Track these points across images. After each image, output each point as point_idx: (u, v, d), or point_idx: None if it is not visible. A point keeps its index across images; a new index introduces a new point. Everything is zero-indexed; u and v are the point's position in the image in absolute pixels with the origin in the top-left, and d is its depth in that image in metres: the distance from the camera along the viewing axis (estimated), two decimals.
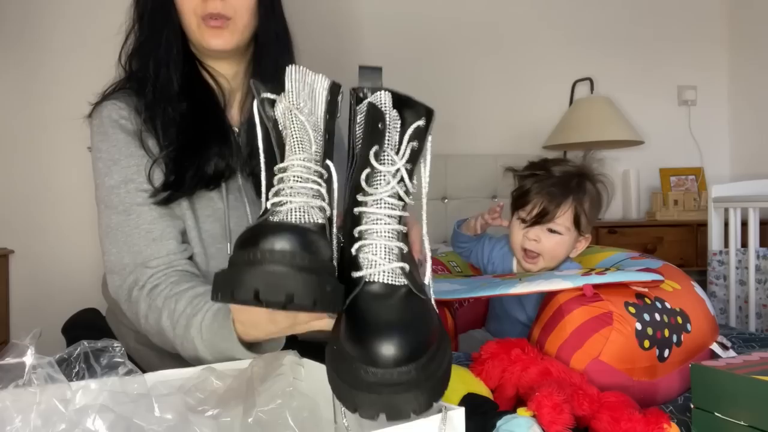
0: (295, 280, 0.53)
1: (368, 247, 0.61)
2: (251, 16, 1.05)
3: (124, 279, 0.98)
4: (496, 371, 0.91)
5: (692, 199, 2.77)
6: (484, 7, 2.75)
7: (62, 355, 0.63)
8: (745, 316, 2.13)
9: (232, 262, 0.56)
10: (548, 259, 1.29)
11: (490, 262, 1.42)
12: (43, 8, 2.16)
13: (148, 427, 0.57)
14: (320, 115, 0.68)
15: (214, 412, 0.63)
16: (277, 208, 0.60)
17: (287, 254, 0.53)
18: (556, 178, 1.27)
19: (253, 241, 0.54)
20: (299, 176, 0.62)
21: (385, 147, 0.64)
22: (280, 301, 0.53)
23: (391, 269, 0.60)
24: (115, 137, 1.02)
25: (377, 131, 0.63)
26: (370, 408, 0.53)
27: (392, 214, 0.62)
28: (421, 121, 0.66)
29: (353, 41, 2.55)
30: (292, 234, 0.55)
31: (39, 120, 2.15)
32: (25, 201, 2.14)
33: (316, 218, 0.60)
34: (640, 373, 0.96)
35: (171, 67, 1.04)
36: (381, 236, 0.61)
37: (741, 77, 3.04)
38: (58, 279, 2.12)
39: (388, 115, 0.65)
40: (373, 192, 0.62)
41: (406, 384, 0.52)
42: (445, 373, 0.56)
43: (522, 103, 2.79)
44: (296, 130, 0.64)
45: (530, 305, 1.26)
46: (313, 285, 0.54)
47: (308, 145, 0.64)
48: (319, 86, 0.69)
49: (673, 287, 1.11)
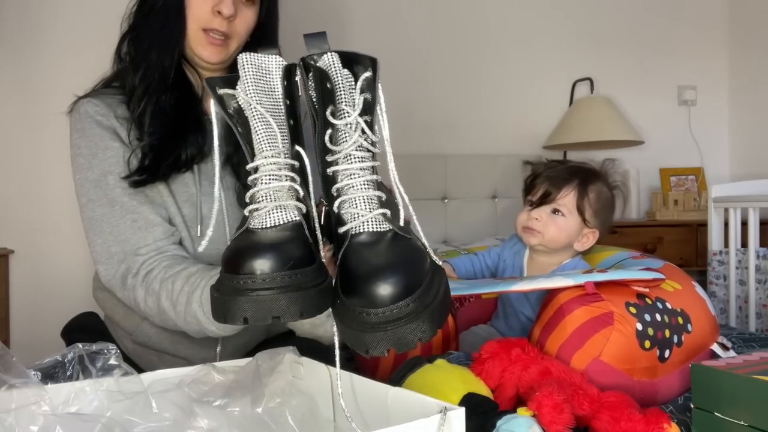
0: (279, 302, 0.57)
1: (348, 202, 0.64)
2: (246, 38, 1.11)
3: (115, 268, 1.01)
4: (496, 371, 0.91)
5: (692, 199, 2.77)
6: (483, 6, 2.75)
7: (57, 358, 0.63)
8: (745, 316, 2.13)
9: (221, 287, 0.59)
10: (548, 238, 1.30)
11: (502, 260, 1.43)
12: (42, 8, 2.16)
13: (146, 424, 0.56)
14: (281, 102, 0.68)
15: (222, 402, 0.63)
16: (254, 213, 0.62)
17: (267, 278, 0.57)
18: (566, 167, 1.33)
19: (236, 265, 0.58)
20: (271, 175, 0.63)
21: (339, 104, 0.66)
22: (268, 323, 0.57)
23: (373, 217, 0.63)
24: (91, 132, 1.07)
25: (327, 91, 0.65)
26: (379, 345, 0.57)
27: (363, 166, 0.65)
28: (368, 73, 0.67)
29: (350, 42, 2.55)
30: (271, 253, 0.58)
31: (39, 120, 2.15)
32: (25, 201, 2.13)
33: (292, 216, 0.62)
34: (640, 374, 0.96)
35: (173, 62, 1.08)
36: (358, 189, 0.64)
37: (741, 77, 3.03)
38: (58, 279, 2.12)
39: (338, 73, 0.66)
40: (340, 149, 0.64)
41: (406, 317, 0.57)
42: (442, 301, 0.61)
43: (522, 103, 2.79)
44: (260, 125, 0.65)
45: (535, 300, 1.26)
46: (298, 300, 0.57)
47: (274, 139, 0.64)
48: (274, 72, 0.68)
49: (674, 287, 1.11)
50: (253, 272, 0.57)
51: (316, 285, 0.60)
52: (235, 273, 0.57)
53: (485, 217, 2.58)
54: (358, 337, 0.58)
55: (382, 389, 0.64)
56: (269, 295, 0.56)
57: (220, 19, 1.05)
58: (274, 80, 0.68)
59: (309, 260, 0.60)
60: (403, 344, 0.57)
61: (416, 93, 2.58)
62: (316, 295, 0.59)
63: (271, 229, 0.61)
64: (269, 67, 0.68)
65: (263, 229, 0.61)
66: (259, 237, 0.60)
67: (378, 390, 0.65)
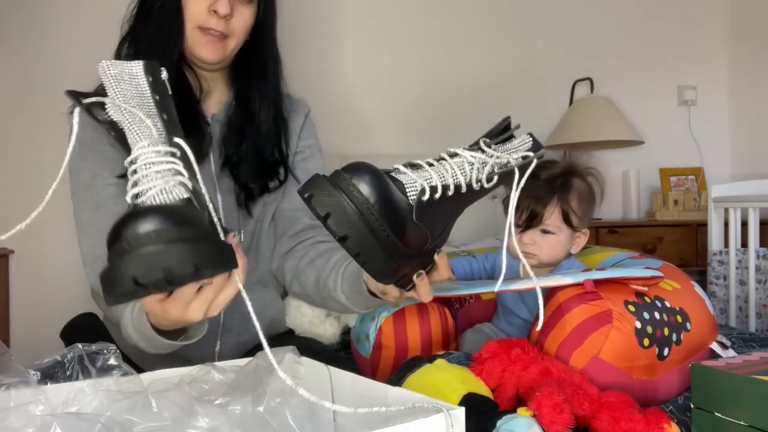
0: (168, 253, 0.53)
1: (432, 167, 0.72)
2: (244, 37, 1.11)
3: (99, 271, 1.00)
4: (496, 371, 0.91)
5: (692, 199, 2.77)
6: (483, 6, 2.75)
7: (56, 358, 0.63)
8: (745, 316, 2.13)
9: (107, 261, 0.55)
10: (545, 257, 1.29)
11: (498, 267, 1.43)
12: (43, 8, 2.16)
13: (146, 423, 0.56)
14: (149, 98, 0.67)
15: (223, 401, 0.63)
16: (138, 199, 0.59)
17: (152, 234, 0.53)
18: (542, 181, 1.30)
19: (118, 233, 0.54)
20: (150, 162, 0.61)
21: (494, 147, 0.79)
22: (161, 278, 0.53)
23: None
24: (83, 135, 1.06)
25: (499, 135, 0.82)
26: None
27: (456, 171, 0.74)
28: (531, 154, 0.81)
29: (346, 40, 2.55)
30: (155, 214, 0.55)
31: (39, 119, 2.15)
32: (25, 201, 2.13)
33: (179, 194, 0.60)
34: (639, 372, 0.96)
35: (172, 63, 1.07)
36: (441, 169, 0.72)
37: (741, 77, 3.03)
38: (58, 279, 2.12)
39: (514, 143, 0.83)
40: (461, 152, 0.76)
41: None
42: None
43: (522, 103, 2.79)
44: (132, 123, 0.64)
45: (531, 301, 1.26)
46: (189, 252, 0.54)
47: (148, 131, 0.63)
48: (138, 72, 0.68)
49: (673, 286, 1.11)
50: (136, 233, 0.53)
51: (208, 238, 0.57)
52: (118, 239, 0.54)
53: (485, 217, 2.57)
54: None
55: (382, 389, 0.64)
56: (155, 248, 0.53)
57: (216, 18, 1.05)
58: (139, 79, 0.67)
59: (200, 223, 0.58)
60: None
61: (416, 93, 2.58)
62: (210, 248, 0.56)
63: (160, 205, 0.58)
64: (132, 70, 0.68)
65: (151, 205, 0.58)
66: (140, 207, 0.57)
67: (378, 390, 0.65)
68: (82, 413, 0.57)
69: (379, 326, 1.24)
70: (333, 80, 2.44)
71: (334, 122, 1.32)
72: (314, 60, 2.38)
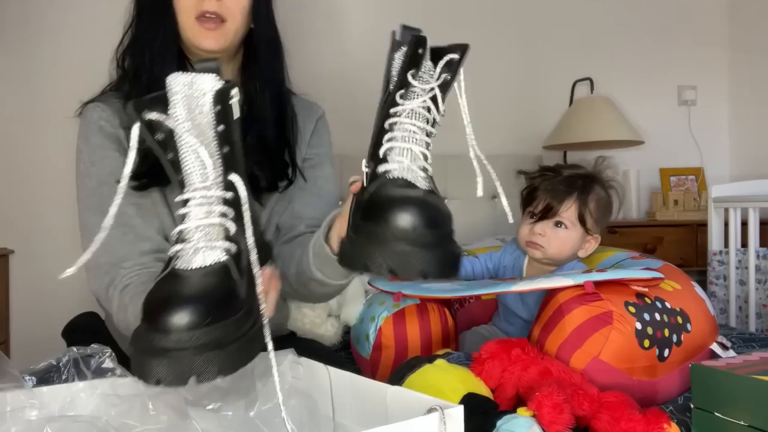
0: (194, 363, 0.54)
1: (396, 150, 0.67)
2: (244, 20, 1.07)
3: (101, 278, 1.00)
4: (496, 371, 0.91)
5: (692, 199, 2.77)
6: (483, 6, 2.75)
7: (51, 362, 0.63)
8: (745, 316, 2.13)
9: (137, 341, 0.57)
10: (552, 251, 1.29)
11: (502, 265, 1.43)
12: (44, 7, 2.16)
13: (143, 427, 0.56)
14: (212, 127, 0.63)
15: (215, 406, 0.63)
16: (179, 253, 0.60)
17: (183, 336, 0.54)
18: (564, 177, 1.32)
19: (152, 317, 0.56)
20: (200, 210, 0.61)
21: (421, 71, 0.69)
22: (184, 383, 0.55)
23: (413, 168, 0.68)
24: (93, 139, 1.06)
25: (417, 56, 0.69)
26: (379, 259, 0.64)
27: (422, 127, 0.69)
28: (454, 54, 0.70)
29: (346, 42, 2.55)
30: (189, 306, 0.55)
31: (39, 119, 2.15)
32: (25, 201, 2.13)
33: (219, 257, 0.60)
34: (639, 373, 0.95)
35: (166, 63, 1.04)
36: (410, 141, 0.67)
37: (741, 77, 3.03)
38: (58, 279, 2.12)
39: (427, 50, 0.71)
40: (407, 104, 0.68)
41: (415, 244, 0.67)
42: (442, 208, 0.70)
43: (522, 103, 2.79)
44: (189, 156, 0.62)
45: (532, 302, 1.26)
46: (215, 360, 0.55)
47: (205, 170, 0.61)
48: (208, 94, 0.64)
49: (673, 287, 1.11)
50: (167, 329, 0.54)
51: (237, 338, 0.57)
52: (151, 327, 0.55)
53: (485, 217, 2.57)
54: (364, 248, 0.62)
55: (382, 389, 0.64)
56: (183, 356, 0.54)
57: (208, 0, 1.01)
58: (207, 103, 0.63)
59: (233, 308, 0.58)
60: (404, 269, 0.61)
61: None
62: (237, 350, 0.57)
63: (195, 271, 0.58)
64: (202, 88, 0.63)
65: (186, 271, 0.59)
66: (179, 285, 0.57)
67: (377, 389, 0.65)
68: (78, 416, 0.57)
69: (379, 327, 1.24)
70: (334, 80, 2.44)
71: (333, 122, 1.31)
72: (314, 60, 2.38)
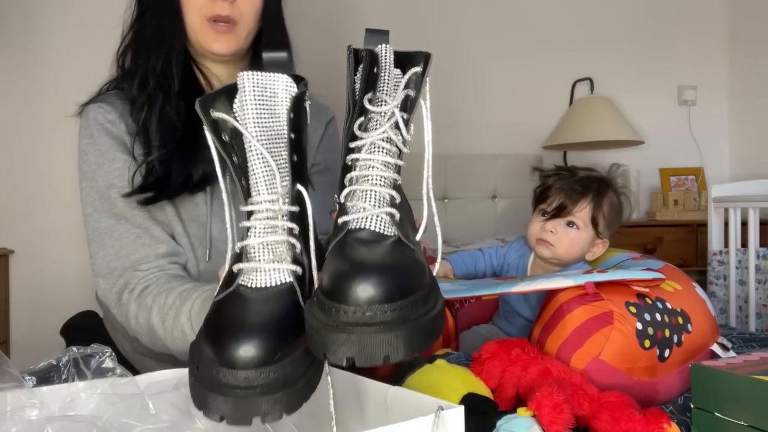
0: (260, 405, 0.51)
1: (357, 195, 0.57)
2: (256, 22, 1.06)
3: (113, 283, 0.98)
4: (496, 371, 0.91)
5: (692, 199, 2.77)
6: (483, 7, 2.75)
7: (51, 362, 0.63)
8: (745, 316, 2.13)
9: (200, 369, 0.53)
10: (561, 251, 1.30)
11: (506, 262, 1.44)
12: (44, 6, 2.16)
13: (144, 426, 0.56)
14: (285, 134, 0.60)
15: None
16: (243, 270, 0.57)
17: (250, 375, 0.51)
18: (579, 178, 1.33)
19: (218, 345, 0.52)
20: (266, 225, 0.57)
21: (379, 92, 0.59)
22: (251, 423, 0.52)
23: (378, 215, 0.56)
24: (100, 141, 1.02)
25: (372, 76, 0.59)
26: (339, 348, 0.49)
27: (386, 161, 0.58)
28: (417, 68, 0.61)
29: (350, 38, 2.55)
30: (257, 339, 0.51)
31: (39, 119, 2.15)
32: (25, 201, 2.13)
33: (285, 277, 0.57)
34: (640, 373, 0.95)
35: (173, 65, 1.03)
36: (371, 182, 0.57)
37: (741, 77, 3.03)
38: (58, 279, 2.12)
39: (387, 65, 0.61)
40: (366, 136, 0.57)
41: (378, 324, 0.48)
42: (428, 325, 0.52)
43: (522, 103, 2.79)
44: (258, 164, 0.58)
45: (535, 301, 1.26)
46: (282, 400, 0.52)
47: (273, 179, 0.58)
48: (281, 97, 0.60)
49: (674, 287, 1.11)
50: (235, 364, 0.51)
51: (303, 374, 0.54)
52: (216, 355, 0.51)
53: (485, 217, 2.58)
54: (320, 335, 0.50)
55: (382, 388, 0.64)
56: (250, 395, 0.51)
57: (220, 2, 1.00)
58: (280, 107, 0.59)
59: (301, 340, 0.54)
60: (367, 355, 0.48)
61: None
62: (303, 388, 0.54)
63: (260, 292, 0.55)
64: (275, 89, 0.60)
65: (251, 290, 0.56)
66: (246, 309, 0.54)
67: (377, 389, 0.64)
68: (78, 416, 0.57)
69: None
70: (334, 81, 2.44)
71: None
72: (325, 62, 2.38)
